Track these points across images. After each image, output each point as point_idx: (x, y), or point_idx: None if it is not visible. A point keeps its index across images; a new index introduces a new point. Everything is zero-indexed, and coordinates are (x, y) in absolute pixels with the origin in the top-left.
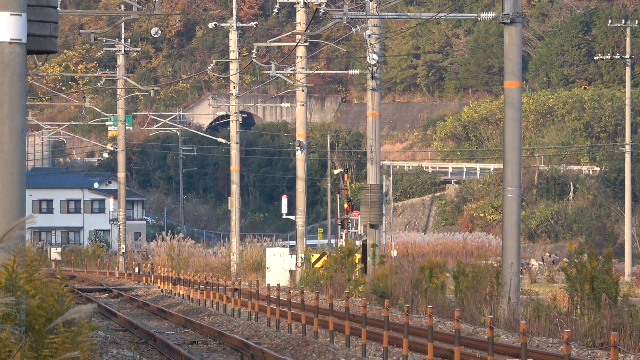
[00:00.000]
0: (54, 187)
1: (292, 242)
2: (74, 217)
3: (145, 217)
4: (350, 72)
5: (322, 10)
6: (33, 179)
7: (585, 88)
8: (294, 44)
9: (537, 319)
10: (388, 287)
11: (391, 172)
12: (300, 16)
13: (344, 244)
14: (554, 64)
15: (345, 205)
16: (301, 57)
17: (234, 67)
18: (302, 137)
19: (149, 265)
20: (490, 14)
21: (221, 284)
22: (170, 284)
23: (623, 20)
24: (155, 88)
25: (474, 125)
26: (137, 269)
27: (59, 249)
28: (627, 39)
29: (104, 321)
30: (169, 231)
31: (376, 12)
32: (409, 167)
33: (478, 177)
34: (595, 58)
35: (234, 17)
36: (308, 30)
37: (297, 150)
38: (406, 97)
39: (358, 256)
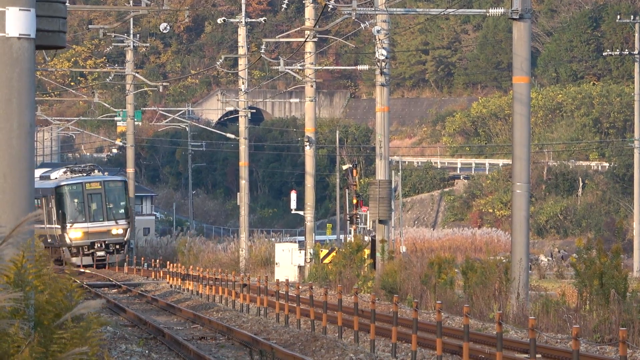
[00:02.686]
0: None
1: (301, 238)
2: None
3: (154, 213)
4: (359, 67)
5: (331, 6)
6: None
7: (594, 84)
8: (303, 39)
9: (546, 315)
10: (397, 283)
11: (400, 168)
12: (309, 12)
13: (352, 240)
14: (562, 60)
15: (354, 201)
16: (310, 52)
17: (242, 62)
18: (311, 132)
19: (158, 260)
20: (499, 10)
21: (230, 280)
22: (179, 280)
23: (632, 16)
24: (164, 83)
25: (482, 121)
26: (145, 265)
27: None
28: (636, 34)
29: (112, 317)
30: (178, 227)
31: (385, 8)
32: (417, 162)
33: (487, 172)
34: (604, 54)
35: (243, 13)
36: (317, 26)
37: (306, 145)
38: (415, 93)
39: (367, 252)
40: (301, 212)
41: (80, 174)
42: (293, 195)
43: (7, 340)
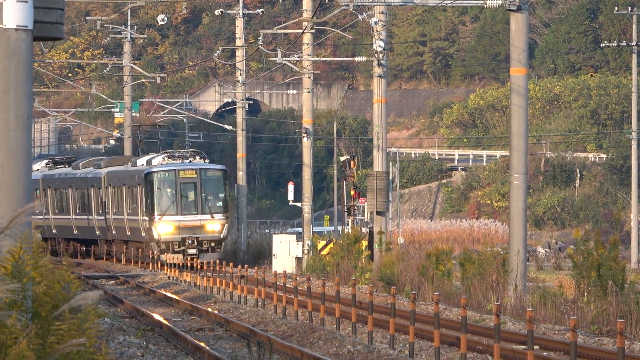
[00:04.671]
0: None
1: (299, 229)
2: None
3: None
4: (357, 59)
5: None
6: None
7: (591, 75)
8: (301, 31)
9: (544, 306)
10: (395, 274)
11: (397, 159)
12: (307, 3)
13: (350, 231)
14: (560, 51)
15: (352, 192)
16: (307, 44)
17: (240, 54)
18: (308, 124)
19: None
20: (497, 1)
21: (228, 271)
22: (177, 271)
23: (630, 8)
24: (161, 75)
25: (480, 113)
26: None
27: None
28: (634, 26)
29: (110, 308)
30: None
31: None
32: (415, 154)
33: (484, 164)
34: (601, 45)
35: (240, 4)
36: (314, 18)
37: (303, 137)
38: (412, 84)
39: (364, 243)
40: (299, 204)
41: (179, 160)
42: (291, 187)
43: (4, 332)
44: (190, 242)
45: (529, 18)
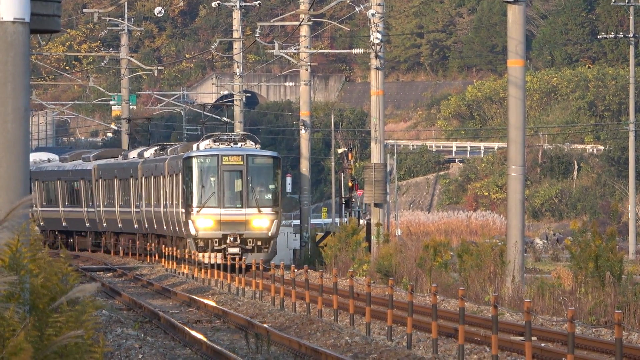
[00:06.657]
0: None
1: (296, 221)
2: None
3: None
4: (354, 51)
5: None
6: None
7: (589, 67)
8: (298, 23)
9: (541, 298)
10: (392, 266)
11: (395, 151)
12: None
13: (348, 223)
14: (557, 43)
15: (350, 184)
16: (305, 36)
17: (237, 46)
18: (306, 116)
19: (153, 244)
20: None
21: (225, 263)
22: (175, 263)
23: None
24: (158, 67)
25: (477, 104)
26: None
27: None
28: (631, 17)
29: (108, 300)
30: None
31: None
32: (413, 146)
33: (482, 156)
34: (599, 37)
35: None
36: (311, 10)
37: (301, 129)
38: (410, 76)
39: (362, 235)
40: (296, 196)
41: (226, 144)
42: (288, 179)
43: (2, 324)
44: (232, 239)
45: (526, 10)
